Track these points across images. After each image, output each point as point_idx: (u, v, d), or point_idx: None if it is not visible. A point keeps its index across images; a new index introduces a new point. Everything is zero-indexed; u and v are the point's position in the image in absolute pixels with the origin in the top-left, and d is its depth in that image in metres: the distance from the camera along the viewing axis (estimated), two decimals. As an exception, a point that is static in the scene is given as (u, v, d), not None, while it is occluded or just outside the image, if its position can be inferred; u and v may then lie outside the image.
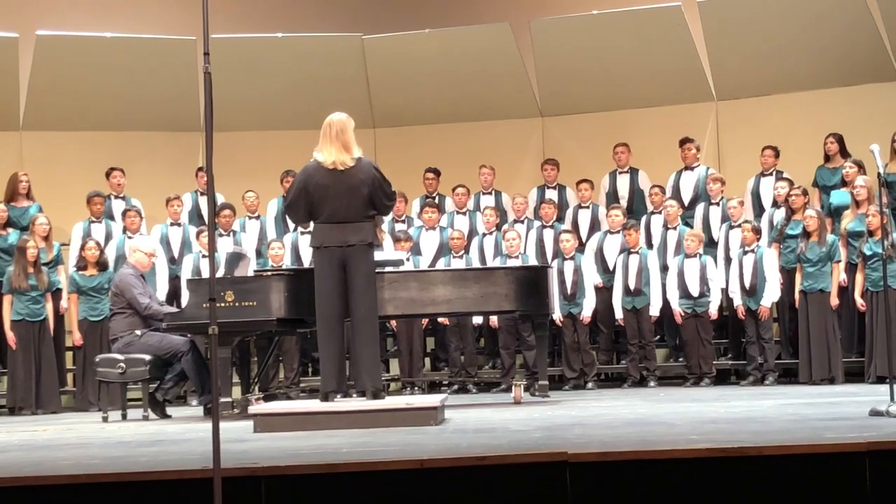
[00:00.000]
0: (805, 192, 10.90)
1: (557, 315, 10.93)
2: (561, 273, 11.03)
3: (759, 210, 11.51)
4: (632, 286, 11.02)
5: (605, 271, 11.25)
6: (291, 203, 7.81)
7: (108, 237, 11.53)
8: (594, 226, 11.74)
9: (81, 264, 11.03)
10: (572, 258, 11.10)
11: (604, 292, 11.21)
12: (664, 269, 11.13)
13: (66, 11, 13.55)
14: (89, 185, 11.88)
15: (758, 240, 10.76)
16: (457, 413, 8.17)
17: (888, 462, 4.90)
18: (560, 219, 11.88)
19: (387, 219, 11.61)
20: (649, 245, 11.37)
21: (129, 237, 11.29)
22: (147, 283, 9.83)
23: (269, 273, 9.04)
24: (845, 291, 10.54)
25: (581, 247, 11.45)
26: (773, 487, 4.90)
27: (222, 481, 4.26)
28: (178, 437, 7.28)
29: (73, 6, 13.67)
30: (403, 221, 11.97)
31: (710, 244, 11.22)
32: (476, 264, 11.24)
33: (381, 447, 5.79)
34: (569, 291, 11.05)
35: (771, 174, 11.62)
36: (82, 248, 11.06)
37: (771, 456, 4.98)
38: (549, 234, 11.59)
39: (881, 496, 4.85)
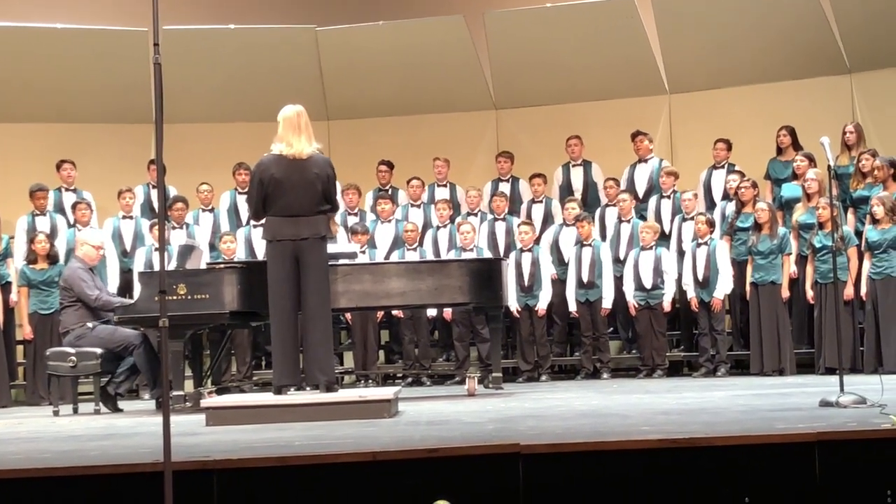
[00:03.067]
0: (754, 185, 10.98)
1: (514, 306, 10.97)
2: (518, 265, 11.06)
3: (710, 203, 11.60)
4: (585, 279, 11.07)
5: (561, 263, 11.30)
6: (250, 197, 7.84)
7: (54, 230, 11.40)
8: (547, 219, 11.78)
9: (31, 258, 10.92)
10: (530, 250, 11.13)
11: (558, 285, 11.25)
12: (617, 261, 11.19)
13: (14, 2, 13.42)
14: (38, 177, 11.74)
15: (711, 232, 10.83)
16: (410, 405, 8.19)
17: (838, 452, 4.96)
18: (513, 212, 11.90)
19: (340, 209, 11.65)
20: (604, 237, 11.43)
21: (80, 230, 11.21)
22: (97, 276, 9.76)
23: (222, 266, 9.01)
24: (796, 283, 10.64)
25: (538, 240, 11.47)
26: (725, 478, 4.94)
27: (173, 475, 4.25)
28: (129, 430, 7.24)
29: (22, -4, 13.56)
30: (356, 214, 11.95)
31: (663, 237, 11.28)
32: (430, 257, 11.24)
33: (334, 440, 5.80)
34: (526, 283, 11.07)
35: (723, 167, 11.71)
36: (31, 241, 10.96)
37: (722, 447, 5.03)
38: (501, 227, 11.61)
39: (830, 486, 4.91)
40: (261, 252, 10.93)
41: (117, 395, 9.33)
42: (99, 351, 9.10)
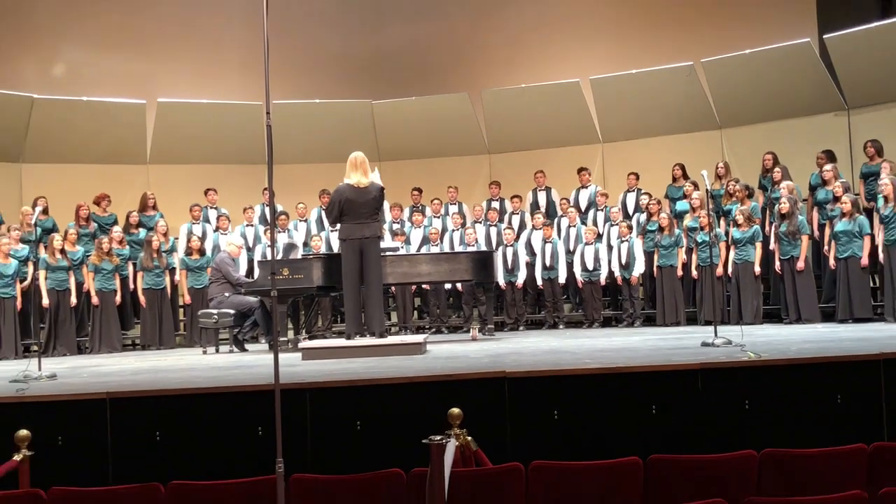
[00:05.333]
0: (658, 202, 10.97)
1: (502, 282, 10.95)
2: (504, 255, 11.03)
3: (625, 214, 11.53)
4: (547, 264, 11.04)
5: (532, 253, 11.25)
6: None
7: (204, 234, 11.45)
8: (522, 226, 11.74)
9: (188, 252, 10.97)
10: (511, 245, 11.11)
11: (530, 267, 11.21)
12: (568, 252, 11.16)
13: (177, 85, 13.49)
14: (192, 200, 11.81)
15: (629, 233, 10.81)
16: (434, 346, 8.20)
17: (713, 375, 4.96)
18: (500, 220, 11.87)
19: (388, 220, 11.65)
20: (560, 237, 11.39)
21: (223, 234, 11.26)
22: (236, 264, 9.82)
23: (311, 256, 9.02)
24: (686, 266, 10.59)
25: (516, 238, 11.43)
26: (641, 393, 4.94)
27: (281, 392, 4.26)
28: (252, 363, 7.28)
29: (181, 82, 13.61)
30: (398, 222, 11.94)
31: (599, 237, 11.22)
32: (447, 250, 11.21)
33: (384, 369, 5.81)
34: (509, 267, 11.05)
35: (633, 191, 11.66)
36: (188, 241, 11.02)
37: (638, 372, 5.03)
38: (493, 231, 11.58)
39: (708, 397, 4.91)
40: (336, 247, 10.94)
41: (244, 341, 9.35)
42: (232, 311, 9.13)
